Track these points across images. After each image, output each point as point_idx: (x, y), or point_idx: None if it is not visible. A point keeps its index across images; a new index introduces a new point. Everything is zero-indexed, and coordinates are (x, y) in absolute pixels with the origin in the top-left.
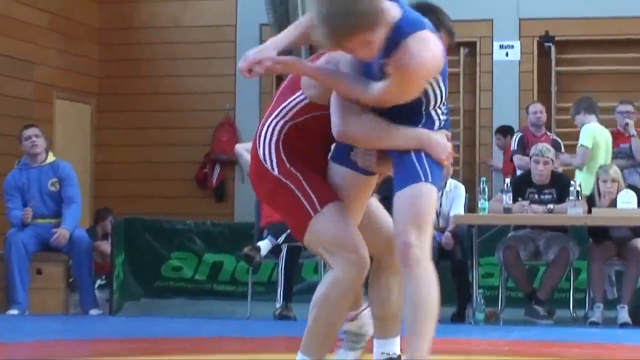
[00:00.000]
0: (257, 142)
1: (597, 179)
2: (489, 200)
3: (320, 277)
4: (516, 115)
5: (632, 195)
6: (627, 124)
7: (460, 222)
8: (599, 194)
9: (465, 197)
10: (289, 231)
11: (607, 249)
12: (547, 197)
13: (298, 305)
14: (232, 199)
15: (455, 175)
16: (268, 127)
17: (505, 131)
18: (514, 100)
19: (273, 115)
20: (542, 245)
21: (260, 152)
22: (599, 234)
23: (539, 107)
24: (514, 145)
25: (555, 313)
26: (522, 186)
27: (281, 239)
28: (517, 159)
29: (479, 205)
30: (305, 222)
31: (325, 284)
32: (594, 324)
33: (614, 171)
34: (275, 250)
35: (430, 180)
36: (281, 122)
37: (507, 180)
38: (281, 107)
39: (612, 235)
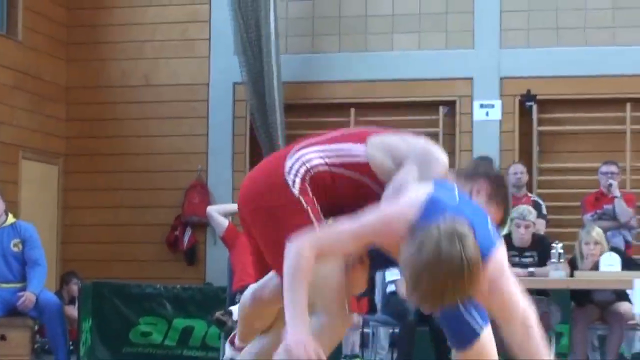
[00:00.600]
0: (288, 154)
1: (580, 241)
2: None
3: None
4: None
5: (615, 257)
6: (610, 185)
7: None
8: (582, 257)
9: None
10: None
11: (590, 312)
12: (528, 259)
13: None
14: (203, 262)
15: None
16: (309, 152)
17: None
18: (494, 160)
19: (320, 147)
20: None
21: (287, 166)
22: (582, 297)
23: (519, 167)
24: None
25: None
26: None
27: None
28: None
29: None
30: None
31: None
32: None
33: (597, 233)
34: None
35: None
36: (322, 159)
37: None
38: (333, 146)
39: (595, 298)
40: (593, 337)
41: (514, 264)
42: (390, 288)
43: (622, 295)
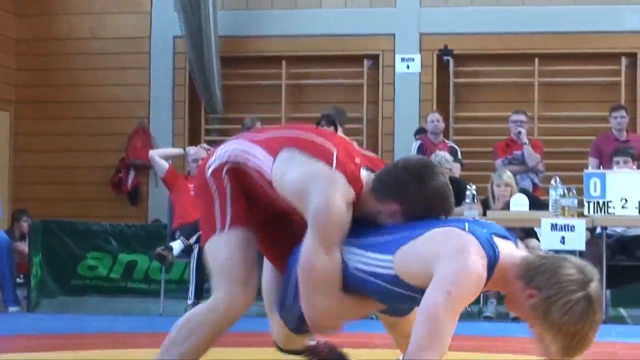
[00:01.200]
0: (222, 146)
1: (492, 184)
2: None
3: None
4: (416, 124)
5: (524, 198)
6: (520, 133)
7: None
8: (493, 198)
9: None
10: (199, 232)
11: None
12: None
13: None
14: (145, 202)
15: None
16: (237, 146)
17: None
18: (414, 109)
19: (248, 144)
20: None
21: (213, 156)
22: None
23: (436, 116)
24: (414, 152)
25: None
26: None
27: (192, 240)
28: None
29: None
30: (208, 234)
31: (201, 305)
32: (488, 318)
33: (507, 176)
34: (186, 250)
35: None
36: (245, 157)
37: None
38: (257, 147)
39: None
40: None
41: None
42: None
43: (531, 233)
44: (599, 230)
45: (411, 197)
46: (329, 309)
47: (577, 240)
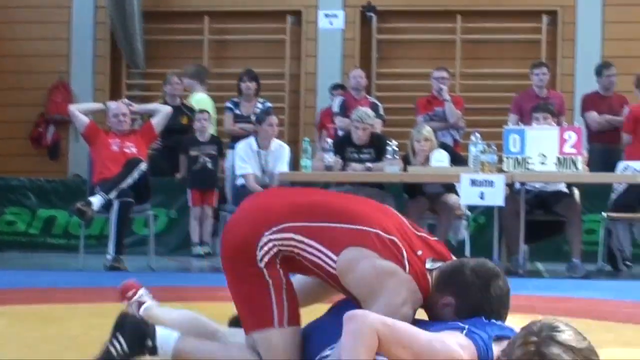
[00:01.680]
0: (267, 233)
1: (412, 139)
2: (311, 159)
3: (150, 231)
4: (339, 80)
5: (444, 154)
6: (441, 89)
7: (284, 179)
8: (414, 153)
9: (289, 156)
10: (120, 187)
11: (421, 203)
12: (366, 156)
13: (129, 257)
14: (65, 157)
15: (280, 136)
16: (289, 238)
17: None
18: (337, 66)
19: (303, 238)
20: None
21: (261, 242)
22: (414, 190)
23: (359, 72)
24: (336, 107)
25: None
26: (342, 146)
27: (112, 195)
28: (339, 121)
29: (302, 164)
30: (263, 325)
31: (246, 355)
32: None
33: (427, 131)
34: (106, 205)
35: None
36: (295, 248)
37: (329, 140)
38: (315, 243)
39: (425, 191)
40: (424, 226)
41: (353, 160)
42: (240, 181)
43: (450, 188)
44: (517, 185)
45: (471, 296)
46: None
47: (496, 195)
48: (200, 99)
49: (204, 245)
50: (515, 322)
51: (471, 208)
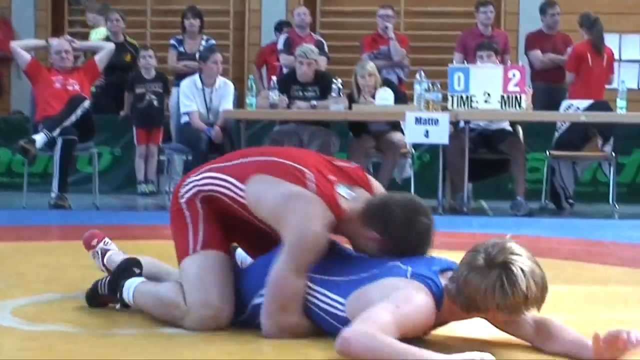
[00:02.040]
0: (192, 177)
1: (355, 75)
2: (256, 96)
3: (94, 170)
4: (284, 17)
5: (389, 92)
6: (386, 27)
7: (229, 117)
8: (358, 90)
9: (234, 94)
10: (63, 124)
11: (366, 142)
12: (310, 94)
13: (72, 195)
14: (8, 94)
15: (224, 74)
16: (207, 177)
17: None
18: (281, 3)
19: (216, 174)
20: (306, 139)
21: (186, 185)
22: (359, 128)
23: (303, 9)
24: (280, 45)
25: None
26: (287, 84)
27: (56, 132)
28: (283, 58)
29: (247, 102)
30: (182, 256)
31: (171, 291)
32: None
33: (370, 66)
34: (50, 143)
35: None
36: (216, 185)
37: (274, 78)
38: (226, 177)
39: (370, 129)
40: (369, 165)
41: (298, 98)
42: (184, 119)
43: (396, 126)
44: (462, 124)
45: (396, 232)
46: (290, 328)
47: (441, 133)
48: (99, 31)
49: (148, 183)
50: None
51: (416, 146)
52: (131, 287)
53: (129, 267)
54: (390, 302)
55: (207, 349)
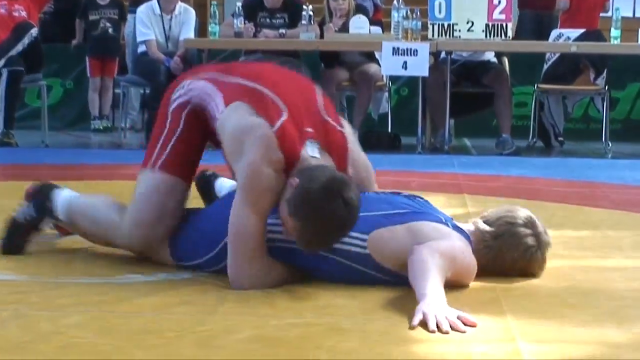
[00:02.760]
0: (190, 81)
1: (327, 1)
2: (219, 24)
3: (43, 103)
4: None
5: (364, 20)
6: None
7: (190, 46)
8: (330, 16)
9: (196, 21)
10: (9, 54)
11: (338, 73)
12: (279, 21)
13: (19, 131)
14: None
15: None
16: (204, 87)
17: None
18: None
19: (212, 88)
20: None
21: (180, 89)
22: (331, 58)
23: None
24: None
25: None
26: (253, 10)
27: (1, 63)
28: None
29: (210, 30)
30: (143, 166)
31: (108, 209)
32: None
33: None
34: None
35: None
36: (206, 101)
37: (238, 4)
38: (217, 93)
39: (344, 60)
40: (342, 99)
41: (265, 26)
42: (141, 48)
43: (371, 57)
44: (443, 55)
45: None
46: (258, 277)
47: (420, 65)
48: None
49: (103, 118)
50: (442, 202)
51: (393, 79)
52: (63, 200)
53: (53, 185)
54: (452, 246)
55: (166, 295)
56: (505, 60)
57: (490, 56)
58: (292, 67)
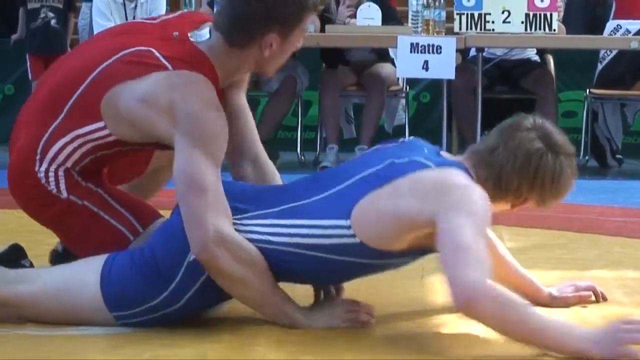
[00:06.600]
0: (37, 159)
1: None
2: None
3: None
4: None
5: (375, 9)
6: None
7: None
8: (337, 4)
9: (166, 10)
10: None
11: (343, 75)
12: None
13: None
14: None
15: None
16: (56, 150)
17: None
18: None
19: (64, 139)
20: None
21: (42, 173)
22: (335, 57)
23: None
24: None
25: (279, 157)
26: None
27: None
28: None
29: None
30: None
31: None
32: (326, 169)
33: None
34: None
35: None
36: (78, 153)
37: None
38: (75, 133)
39: (350, 58)
40: (348, 107)
41: None
42: None
43: (384, 56)
44: (473, 52)
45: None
46: (223, 234)
47: (445, 65)
48: None
49: None
50: None
51: (411, 82)
52: None
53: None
54: (463, 213)
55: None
56: (550, 59)
57: (531, 54)
58: (284, 69)
